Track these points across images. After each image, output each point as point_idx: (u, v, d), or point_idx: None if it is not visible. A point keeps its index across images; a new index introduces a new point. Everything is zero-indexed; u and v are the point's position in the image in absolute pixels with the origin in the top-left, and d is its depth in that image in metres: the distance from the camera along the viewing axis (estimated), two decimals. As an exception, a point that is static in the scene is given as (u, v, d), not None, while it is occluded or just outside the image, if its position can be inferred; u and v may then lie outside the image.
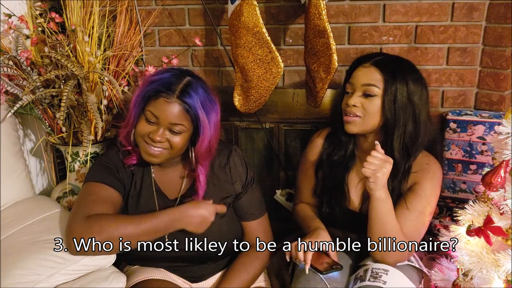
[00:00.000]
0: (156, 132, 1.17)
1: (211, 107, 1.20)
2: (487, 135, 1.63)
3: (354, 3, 1.70)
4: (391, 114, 1.28)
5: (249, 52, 1.48)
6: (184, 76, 1.20)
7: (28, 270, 1.12)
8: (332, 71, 1.45)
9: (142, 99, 1.19)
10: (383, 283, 1.20)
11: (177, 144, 1.19)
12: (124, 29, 1.66)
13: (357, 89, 1.30)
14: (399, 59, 1.35)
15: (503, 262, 1.08)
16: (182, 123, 1.17)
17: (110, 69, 1.59)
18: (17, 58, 1.47)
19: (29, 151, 1.72)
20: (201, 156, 1.23)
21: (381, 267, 1.25)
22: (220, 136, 1.28)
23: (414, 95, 1.28)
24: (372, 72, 1.29)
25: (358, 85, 1.30)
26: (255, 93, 1.54)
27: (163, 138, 1.18)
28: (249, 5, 1.42)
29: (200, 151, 1.22)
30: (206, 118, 1.18)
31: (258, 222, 1.38)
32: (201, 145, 1.21)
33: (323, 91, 1.52)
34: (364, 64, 1.31)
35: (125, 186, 1.28)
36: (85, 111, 1.51)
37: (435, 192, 1.31)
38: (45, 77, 1.45)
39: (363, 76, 1.30)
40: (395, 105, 1.27)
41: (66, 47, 1.50)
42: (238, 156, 1.34)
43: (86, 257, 1.17)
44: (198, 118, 1.17)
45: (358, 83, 1.30)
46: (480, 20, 1.67)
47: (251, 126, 1.86)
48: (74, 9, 1.52)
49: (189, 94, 1.16)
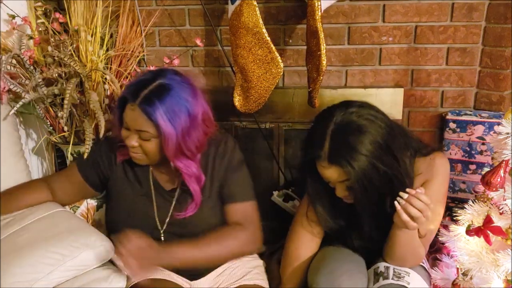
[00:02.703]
0: (129, 138, 1.22)
1: (179, 111, 1.18)
2: (486, 135, 1.63)
3: (354, 3, 1.71)
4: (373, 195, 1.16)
5: (249, 53, 1.48)
6: (155, 80, 1.19)
7: (27, 268, 1.13)
8: (322, 73, 1.45)
9: (118, 104, 1.24)
10: (407, 284, 1.19)
11: (149, 150, 1.22)
12: (126, 29, 1.66)
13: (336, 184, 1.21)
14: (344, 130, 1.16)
15: (503, 261, 1.09)
16: (147, 130, 1.18)
17: (112, 69, 1.60)
18: (20, 57, 1.48)
19: (30, 151, 1.72)
20: (171, 158, 1.23)
21: (402, 268, 1.25)
22: (212, 129, 1.30)
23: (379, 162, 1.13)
24: (334, 170, 1.16)
25: (334, 182, 1.20)
26: (255, 93, 1.55)
27: (136, 143, 1.21)
28: (249, 5, 1.42)
29: (168, 154, 1.21)
30: (170, 124, 1.17)
31: (241, 205, 1.33)
32: (167, 150, 1.20)
33: (315, 92, 1.53)
34: (321, 163, 1.17)
35: (111, 179, 1.36)
36: (87, 110, 1.52)
37: (445, 188, 1.27)
38: (48, 75, 1.45)
39: (330, 176, 1.18)
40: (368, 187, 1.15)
41: (69, 47, 1.50)
42: (231, 143, 1.36)
43: (84, 253, 1.18)
44: (159, 125, 1.17)
45: (331, 181, 1.20)
46: (479, 20, 1.67)
47: (250, 126, 1.87)
48: (78, 9, 1.53)
49: (151, 101, 1.16)
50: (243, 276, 1.36)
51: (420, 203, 1.07)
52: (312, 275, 1.26)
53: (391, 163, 1.15)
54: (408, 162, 1.24)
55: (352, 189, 1.17)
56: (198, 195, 1.29)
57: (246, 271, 1.38)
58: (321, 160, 1.16)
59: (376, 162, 1.12)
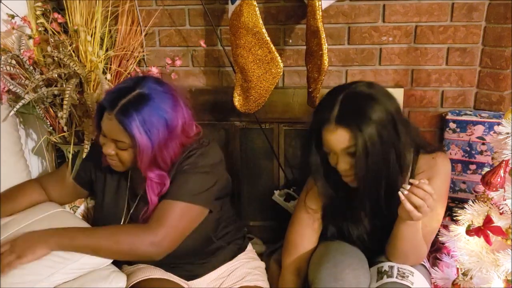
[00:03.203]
0: (105, 145, 1.21)
1: (157, 123, 1.16)
2: (486, 135, 1.63)
3: (353, 4, 1.71)
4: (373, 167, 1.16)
5: (249, 53, 1.48)
6: (135, 89, 1.17)
7: (28, 270, 1.12)
8: (323, 72, 1.45)
9: (97, 111, 1.22)
10: (411, 284, 1.19)
11: (124, 158, 1.21)
12: (126, 29, 1.66)
13: (338, 153, 1.19)
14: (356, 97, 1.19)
15: (503, 261, 1.09)
16: (122, 139, 1.17)
17: (112, 69, 1.60)
18: (19, 57, 1.48)
19: (30, 151, 1.72)
20: (143, 169, 1.20)
21: (406, 268, 1.24)
22: (192, 138, 1.27)
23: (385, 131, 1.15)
24: (340, 134, 1.15)
25: (337, 151, 1.18)
26: (255, 93, 1.55)
27: (112, 151, 1.20)
28: (249, 5, 1.42)
29: (141, 166, 1.19)
30: (146, 136, 1.15)
31: (167, 203, 1.22)
32: (141, 161, 1.18)
33: (317, 91, 1.53)
34: (328, 127, 1.17)
35: (97, 181, 1.36)
36: (87, 110, 1.52)
37: (446, 187, 1.27)
38: (47, 75, 1.45)
39: (335, 142, 1.17)
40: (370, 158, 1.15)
41: (69, 47, 1.50)
42: (202, 151, 1.28)
43: (86, 256, 1.18)
44: (134, 137, 1.15)
45: (336, 149, 1.18)
46: (479, 20, 1.67)
47: (250, 126, 1.87)
48: (77, 9, 1.53)
49: (128, 112, 1.14)
50: (243, 277, 1.37)
51: (422, 192, 1.08)
52: (314, 269, 1.25)
53: (394, 139, 1.16)
54: (411, 157, 1.26)
55: (355, 158, 1.16)
56: (153, 205, 1.24)
57: (247, 272, 1.38)
58: (329, 124, 1.16)
59: (382, 132, 1.14)
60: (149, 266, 1.35)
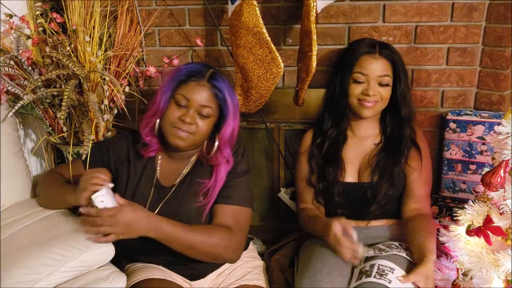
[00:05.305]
0: (186, 114, 1.25)
1: (234, 97, 1.31)
2: (486, 135, 1.63)
3: (354, 3, 1.71)
4: (402, 98, 1.47)
5: (249, 52, 1.48)
6: (209, 67, 1.32)
7: (28, 269, 1.12)
8: (310, 73, 1.45)
9: (172, 85, 1.26)
10: (388, 282, 1.20)
11: (201, 128, 1.27)
12: (125, 29, 1.66)
13: (372, 79, 1.43)
14: (391, 46, 1.51)
15: (503, 262, 1.09)
16: (211, 105, 1.26)
17: (111, 69, 1.59)
18: (18, 58, 1.47)
19: (29, 151, 1.72)
20: (223, 143, 1.29)
21: (387, 264, 1.26)
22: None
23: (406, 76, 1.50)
24: (383, 63, 1.44)
25: (374, 76, 1.43)
26: (255, 93, 1.54)
27: (193, 120, 1.25)
28: (249, 5, 1.42)
29: (224, 137, 1.28)
30: (232, 104, 1.28)
31: (235, 209, 1.30)
32: (226, 131, 1.28)
33: (302, 91, 1.54)
34: (373, 55, 1.44)
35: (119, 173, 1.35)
36: (86, 110, 1.52)
37: (428, 153, 1.51)
38: (46, 77, 1.45)
39: (377, 68, 1.43)
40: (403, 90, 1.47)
41: (68, 47, 1.50)
42: (241, 150, 1.38)
43: (85, 253, 1.18)
44: (226, 101, 1.27)
45: (373, 74, 1.43)
46: (480, 20, 1.67)
47: (251, 126, 1.87)
48: (75, 9, 1.53)
49: (218, 79, 1.27)
50: (243, 276, 1.37)
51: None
52: (297, 278, 1.34)
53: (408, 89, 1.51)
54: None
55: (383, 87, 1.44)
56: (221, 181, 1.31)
57: (246, 271, 1.38)
58: (374, 53, 1.44)
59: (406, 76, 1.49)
60: (149, 266, 1.35)
